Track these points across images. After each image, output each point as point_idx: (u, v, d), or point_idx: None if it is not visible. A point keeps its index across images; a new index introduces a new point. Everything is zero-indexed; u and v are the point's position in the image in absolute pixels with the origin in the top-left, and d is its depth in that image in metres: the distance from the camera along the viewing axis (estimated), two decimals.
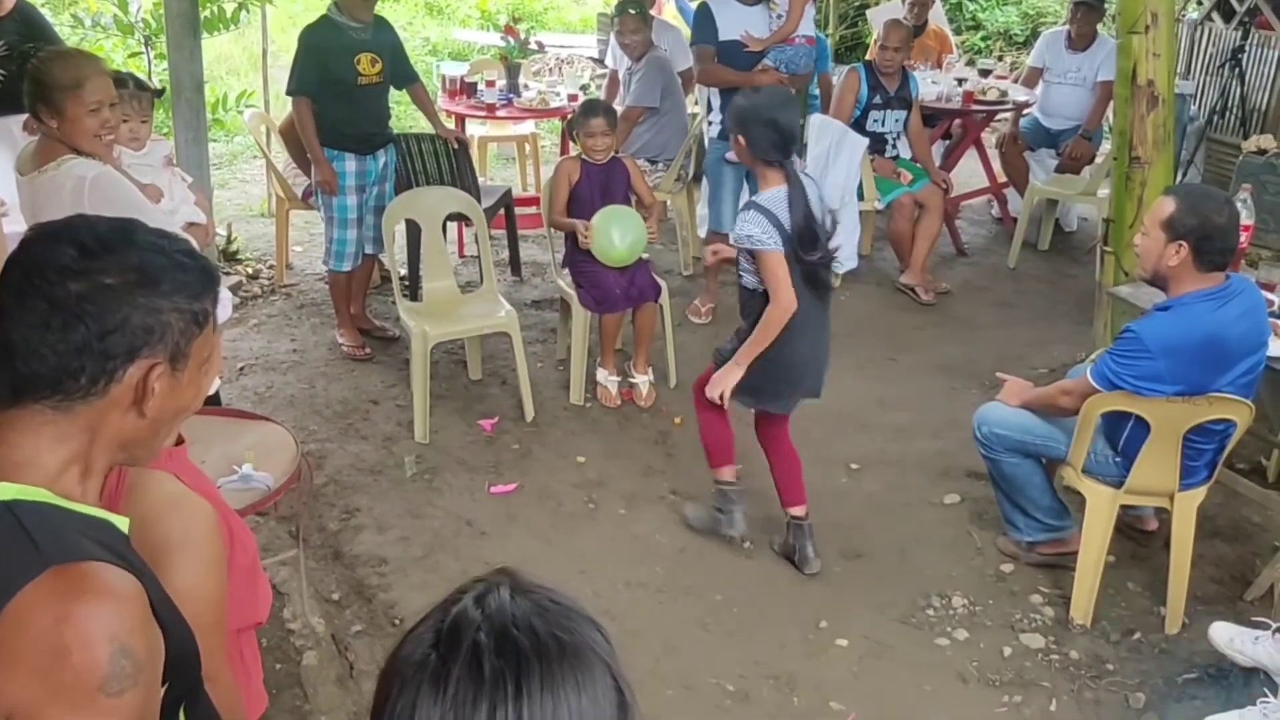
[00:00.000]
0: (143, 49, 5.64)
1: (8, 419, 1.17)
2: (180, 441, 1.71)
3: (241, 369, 4.72)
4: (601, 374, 4.55)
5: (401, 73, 4.86)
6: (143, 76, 4.76)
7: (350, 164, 4.64)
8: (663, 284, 4.59)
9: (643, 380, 4.54)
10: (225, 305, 3.45)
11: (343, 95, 4.54)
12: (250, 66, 9.04)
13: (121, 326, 1.16)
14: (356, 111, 4.61)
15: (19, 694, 1.07)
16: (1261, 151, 4.33)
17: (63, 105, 2.80)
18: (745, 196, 5.28)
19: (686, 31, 6.03)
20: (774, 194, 3.24)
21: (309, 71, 4.55)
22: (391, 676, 0.96)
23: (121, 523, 1.21)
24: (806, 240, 3.19)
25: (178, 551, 1.40)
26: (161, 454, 1.60)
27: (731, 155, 5.03)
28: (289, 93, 4.66)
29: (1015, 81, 6.83)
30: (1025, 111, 6.62)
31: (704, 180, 5.50)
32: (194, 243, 1.41)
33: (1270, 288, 3.60)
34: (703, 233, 5.48)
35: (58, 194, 2.76)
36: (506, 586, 0.97)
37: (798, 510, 3.54)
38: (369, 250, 4.86)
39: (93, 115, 2.84)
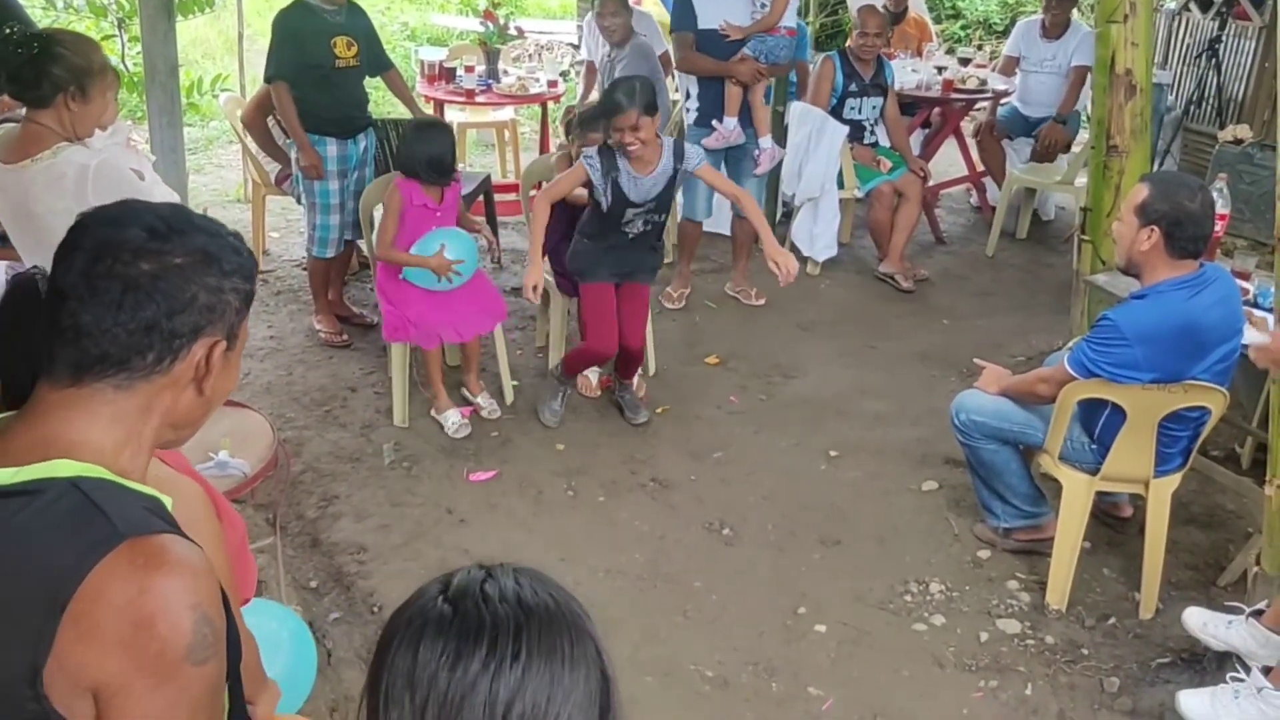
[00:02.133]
0: (116, 32, 5.59)
1: (66, 398, 1.19)
2: None
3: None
4: None
5: (376, 59, 4.82)
6: (114, 59, 4.71)
7: (332, 148, 4.61)
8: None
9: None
10: None
11: (321, 79, 4.51)
12: (226, 50, 8.96)
13: (189, 305, 1.20)
14: (336, 95, 4.57)
15: (104, 666, 1.09)
16: (1238, 141, 4.36)
17: (92, 90, 2.77)
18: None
19: (665, 18, 6.02)
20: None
21: (286, 55, 4.50)
22: (394, 627, 1.02)
23: (168, 501, 1.23)
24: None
25: (185, 532, 1.40)
26: None
27: (710, 141, 5.05)
28: (267, 79, 4.62)
29: (993, 70, 6.85)
30: (1003, 101, 6.65)
31: None
32: None
33: (1245, 276, 3.63)
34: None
35: (58, 183, 2.69)
36: (510, 566, 1.05)
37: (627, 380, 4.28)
38: (348, 236, 4.83)
39: (108, 103, 2.84)
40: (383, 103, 7.67)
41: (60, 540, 1.10)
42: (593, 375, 4.51)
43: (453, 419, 4.15)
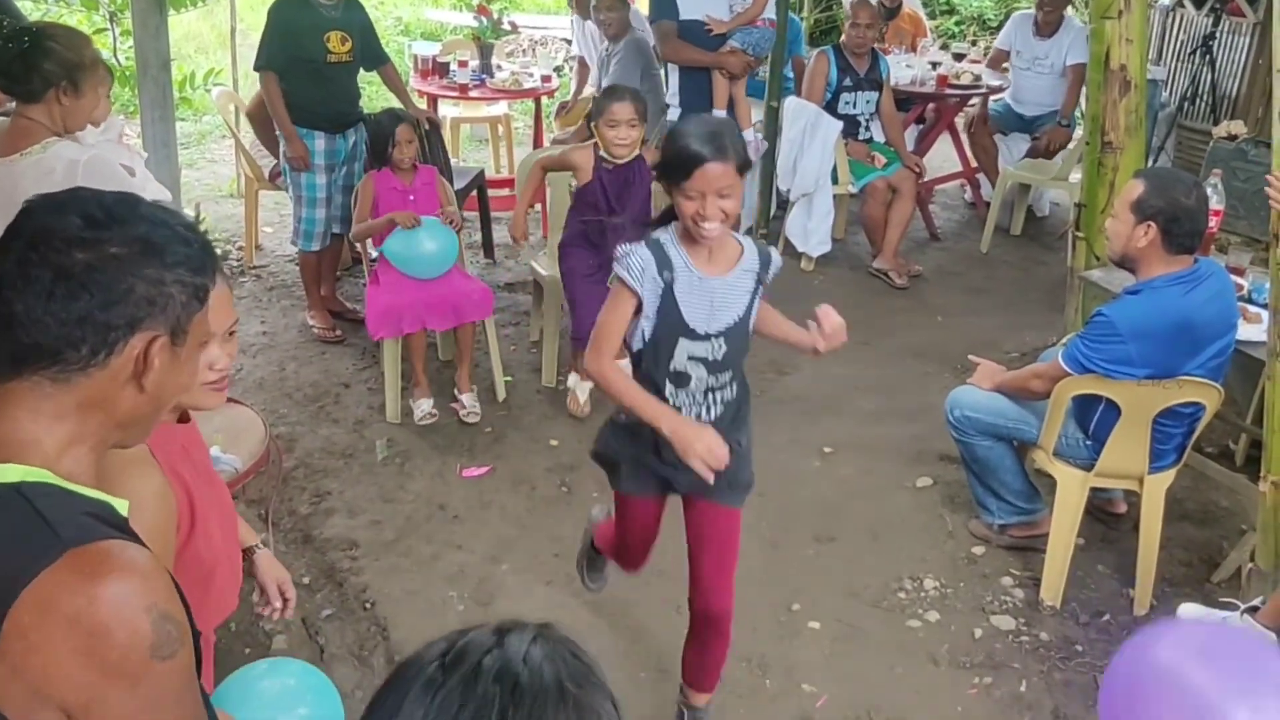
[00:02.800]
0: (108, 25, 5.55)
1: (6, 392, 1.16)
2: (186, 419, 1.68)
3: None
4: (572, 379, 4.29)
5: (372, 53, 4.81)
6: (105, 53, 4.69)
7: (320, 142, 4.59)
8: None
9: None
10: None
11: (312, 73, 4.49)
12: (219, 44, 8.92)
13: (125, 297, 1.15)
14: (326, 90, 4.55)
15: (70, 680, 1.07)
16: (1232, 137, 4.36)
17: (83, 85, 2.75)
18: None
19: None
20: None
21: (277, 47, 4.48)
22: (391, 679, 0.95)
23: (121, 505, 1.20)
24: None
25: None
26: (174, 430, 1.57)
27: None
28: (256, 68, 4.60)
29: (984, 63, 6.84)
30: (995, 97, 6.64)
31: None
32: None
33: (1239, 272, 3.63)
34: None
35: (47, 178, 2.67)
36: (532, 630, 0.96)
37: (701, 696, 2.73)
38: (336, 230, 4.81)
39: (100, 97, 2.82)
40: (376, 98, 7.64)
41: (2, 549, 1.08)
42: (582, 393, 4.23)
43: (423, 407, 4.15)
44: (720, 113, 4.98)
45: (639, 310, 2.32)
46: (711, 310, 2.35)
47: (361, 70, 4.86)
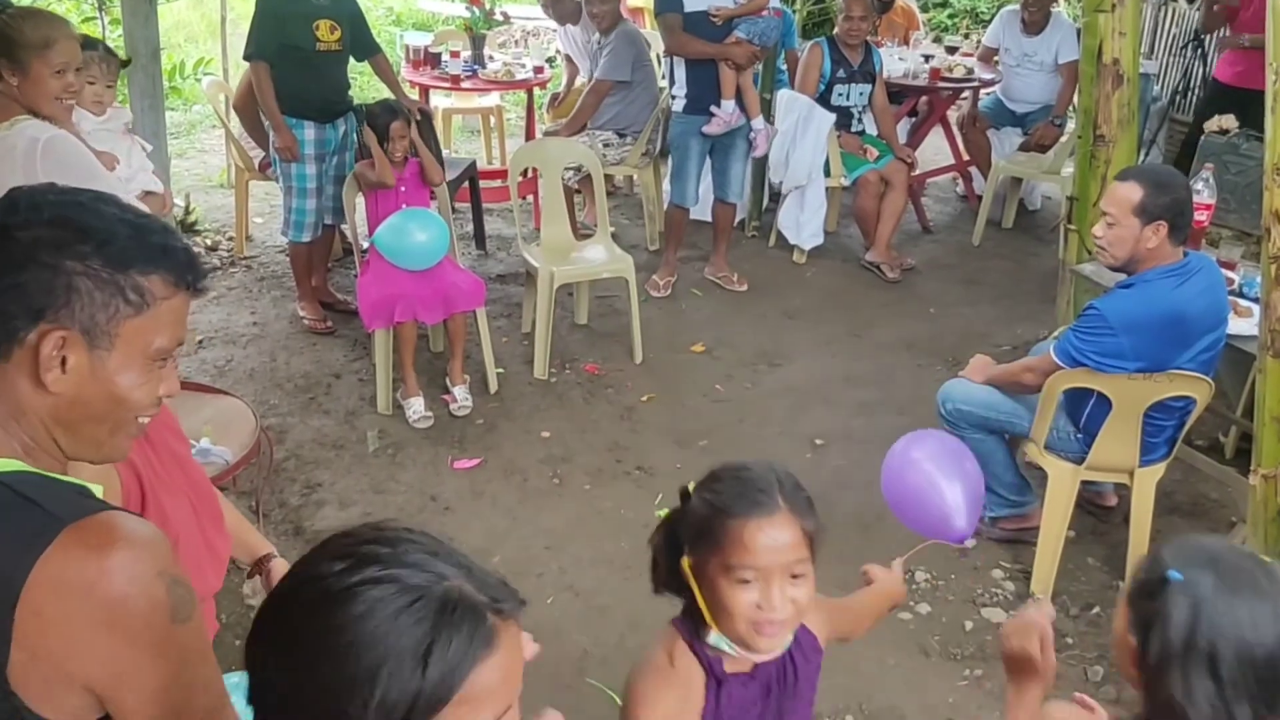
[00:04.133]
0: (97, 14, 5.52)
1: None
2: None
3: (200, 342, 4.64)
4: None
5: (362, 43, 4.78)
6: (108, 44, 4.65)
7: (310, 132, 4.57)
8: (629, 258, 4.57)
9: None
10: None
11: (301, 62, 4.46)
12: (209, 34, 8.87)
13: (22, 284, 1.10)
14: (315, 79, 4.53)
15: (93, 654, 1.07)
16: (1223, 132, 4.36)
17: (28, 64, 2.72)
18: (709, 170, 5.29)
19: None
20: None
21: (266, 36, 4.46)
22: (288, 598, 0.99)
23: (96, 489, 1.19)
24: None
25: None
26: None
27: (710, 128, 5.03)
28: (246, 57, 4.58)
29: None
30: (985, 91, 6.64)
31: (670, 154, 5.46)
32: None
33: (1230, 266, 3.64)
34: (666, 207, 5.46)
35: (9, 155, 2.68)
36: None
37: None
38: (328, 221, 4.79)
39: (57, 78, 2.77)
40: (368, 88, 7.61)
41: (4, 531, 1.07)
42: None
43: (415, 407, 4.12)
44: (729, 104, 4.97)
45: None
46: None
47: (353, 61, 4.85)
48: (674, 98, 5.16)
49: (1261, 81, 5.61)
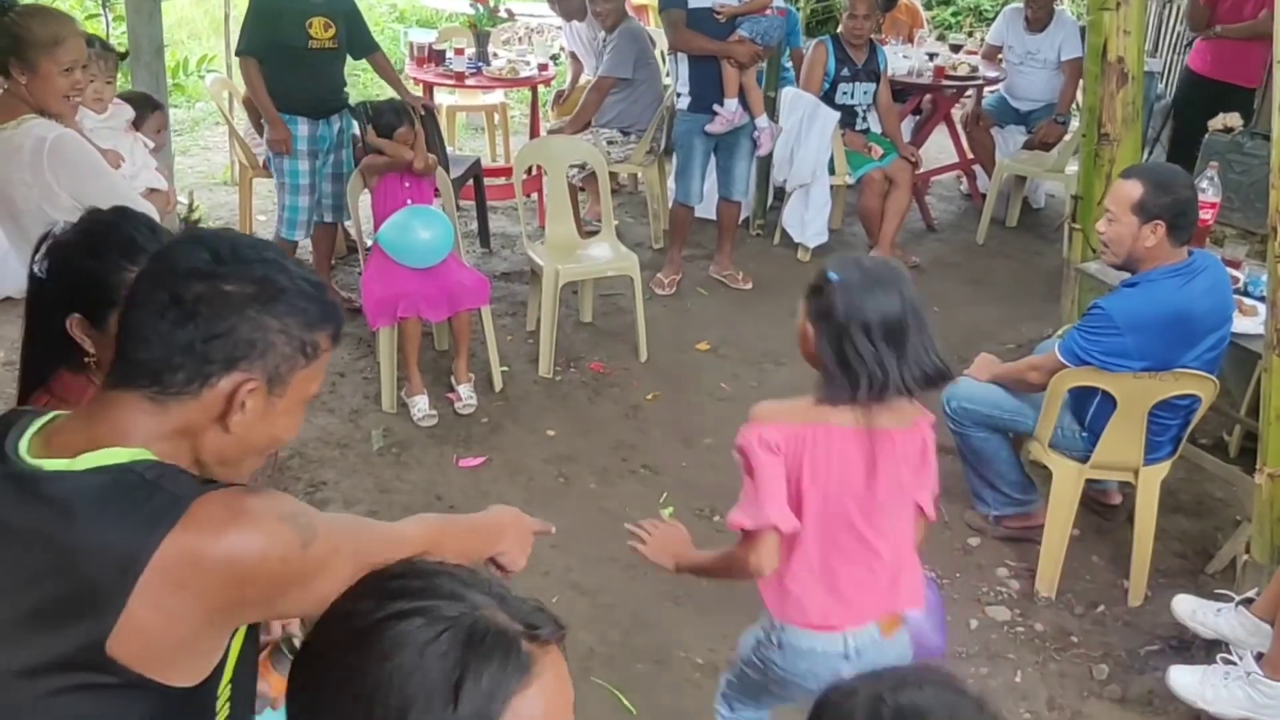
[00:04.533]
0: (100, 10, 5.53)
1: (114, 397, 1.23)
2: None
3: None
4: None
5: (359, 41, 4.77)
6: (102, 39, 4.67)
7: (303, 128, 4.56)
8: (634, 256, 4.57)
9: None
10: None
11: (295, 59, 4.46)
12: (212, 30, 8.87)
13: (227, 334, 1.20)
14: (308, 76, 4.52)
15: (249, 605, 1.20)
16: (1228, 130, 4.35)
17: (37, 62, 2.71)
18: (714, 169, 5.29)
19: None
20: None
21: (258, 32, 4.46)
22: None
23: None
24: None
25: None
26: None
27: (713, 127, 5.03)
28: (237, 53, 4.60)
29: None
30: (989, 90, 6.63)
31: (675, 152, 5.46)
32: (154, 213, 1.42)
33: (1235, 265, 3.64)
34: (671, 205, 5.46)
35: (15, 154, 2.69)
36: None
37: None
38: (329, 219, 4.79)
39: (65, 75, 2.77)
40: (371, 85, 7.61)
41: (122, 516, 1.15)
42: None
43: (420, 405, 4.13)
44: (731, 102, 4.97)
45: None
46: None
47: (355, 59, 4.85)
48: (678, 95, 5.16)
49: (1232, 74, 5.68)
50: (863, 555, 2.03)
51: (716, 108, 4.99)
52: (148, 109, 4.00)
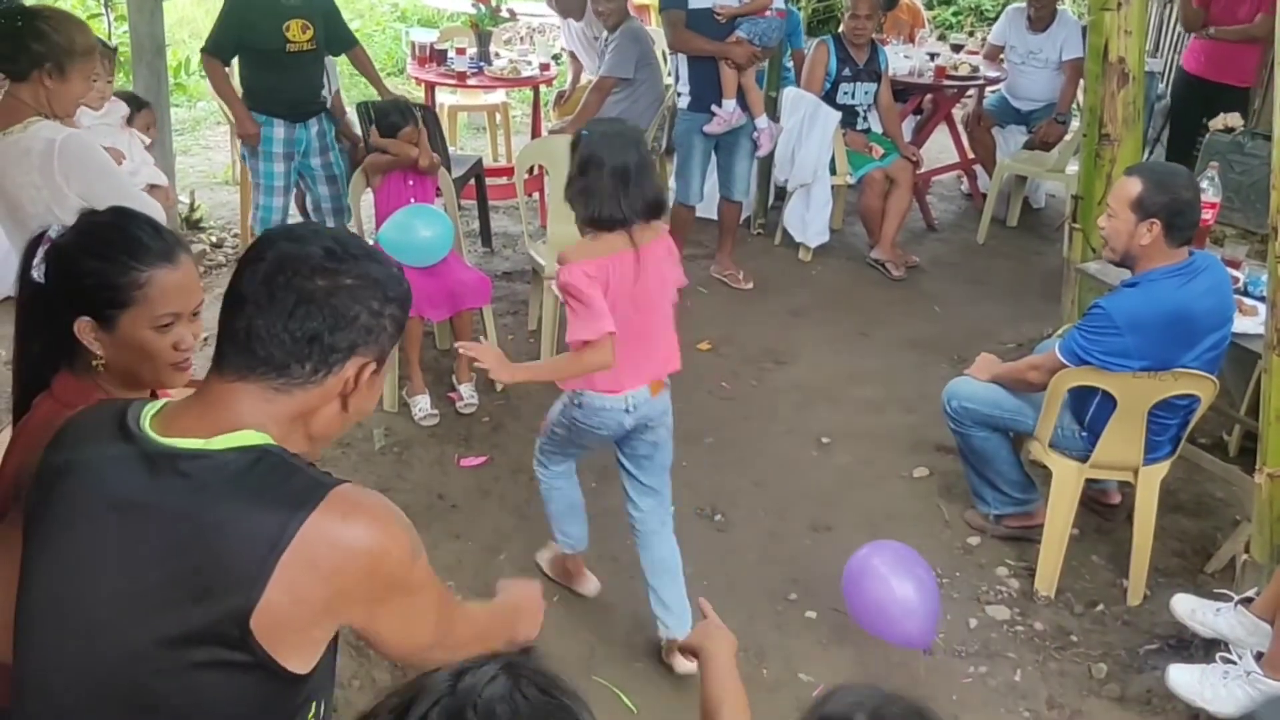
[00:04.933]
0: (102, 10, 5.53)
1: (234, 390, 1.30)
2: (155, 396, 1.72)
3: (206, 339, 4.61)
4: None
5: (337, 38, 4.77)
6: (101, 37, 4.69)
7: (279, 130, 4.56)
8: None
9: None
10: None
11: (272, 62, 4.46)
12: None
13: (351, 323, 1.30)
14: (286, 78, 4.52)
15: (359, 596, 1.26)
16: (1228, 130, 4.35)
17: (70, 70, 2.75)
18: (714, 168, 5.30)
19: None
20: None
21: (228, 34, 4.48)
22: (401, 692, 0.95)
23: None
24: None
25: None
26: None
27: (711, 127, 5.04)
28: (202, 49, 4.61)
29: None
30: (990, 90, 6.63)
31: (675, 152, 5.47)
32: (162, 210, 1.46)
33: (1235, 265, 3.64)
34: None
35: (25, 158, 2.69)
36: (497, 665, 0.94)
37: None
38: (331, 224, 4.79)
39: (88, 84, 2.84)
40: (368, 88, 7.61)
41: (274, 489, 1.24)
42: None
43: (421, 405, 4.14)
44: (729, 103, 4.98)
45: None
46: None
47: (334, 55, 4.85)
48: (679, 95, 5.17)
49: (1226, 74, 5.69)
50: (638, 337, 2.69)
51: (714, 108, 4.99)
52: (135, 107, 4.02)
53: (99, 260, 1.63)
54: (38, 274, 1.64)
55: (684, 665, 2.88)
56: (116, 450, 1.28)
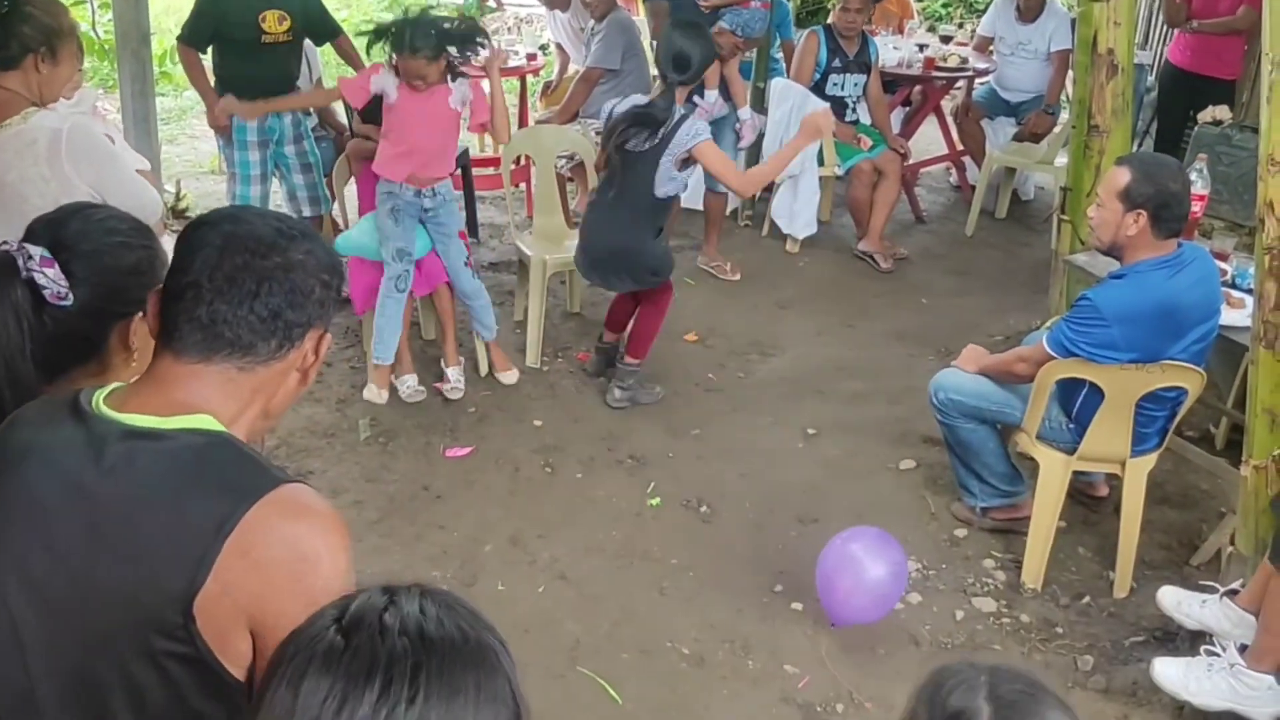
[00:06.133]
0: None
1: (194, 372, 1.29)
2: None
3: None
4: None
5: (319, 28, 4.74)
6: (84, 26, 4.64)
7: (252, 120, 4.53)
8: None
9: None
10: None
11: (247, 52, 4.42)
12: None
13: (308, 297, 1.31)
14: (260, 69, 4.46)
15: (270, 596, 1.19)
16: (1217, 122, 4.35)
17: (61, 51, 2.71)
18: None
19: None
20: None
21: (203, 24, 4.44)
22: (278, 657, 0.94)
23: None
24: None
25: None
26: None
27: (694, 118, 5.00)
28: (178, 38, 4.57)
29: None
30: (979, 82, 6.62)
31: None
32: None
33: (1223, 257, 3.64)
34: None
35: (29, 149, 2.63)
36: (417, 589, 0.97)
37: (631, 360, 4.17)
38: (308, 212, 4.75)
39: (74, 65, 2.80)
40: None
41: (225, 475, 1.23)
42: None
43: (409, 383, 4.15)
44: (711, 93, 4.95)
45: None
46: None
47: (317, 45, 4.81)
48: None
49: (1211, 66, 5.71)
50: None
51: (696, 99, 4.97)
52: None
53: (144, 249, 1.62)
54: (59, 287, 1.51)
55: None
56: (68, 432, 1.27)
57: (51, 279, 1.52)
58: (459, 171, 5.50)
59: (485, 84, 4.19)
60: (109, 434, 1.25)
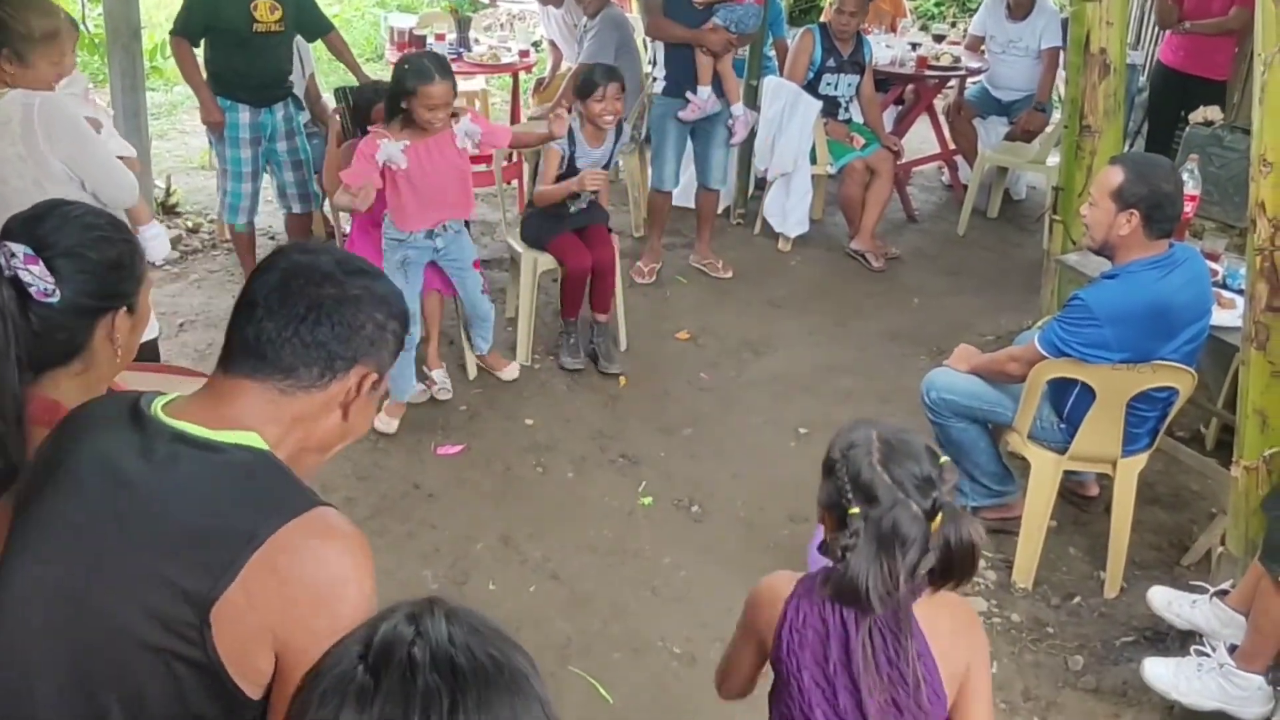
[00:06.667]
0: None
1: (240, 385, 1.32)
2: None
3: (181, 325, 4.60)
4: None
5: (310, 23, 4.70)
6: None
7: (244, 115, 4.50)
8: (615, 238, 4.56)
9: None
10: (162, 243, 3.36)
11: (237, 43, 4.38)
12: None
13: (357, 333, 1.33)
14: (252, 61, 4.44)
15: (300, 621, 1.20)
16: (1208, 123, 4.36)
17: (32, 56, 2.74)
18: (690, 153, 5.28)
19: None
20: None
21: (196, 14, 4.41)
22: (310, 692, 0.91)
23: None
24: None
25: None
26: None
27: (685, 114, 5.01)
28: (170, 31, 4.53)
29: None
30: (971, 81, 6.63)
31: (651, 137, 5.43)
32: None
33: (1214, 258, 3.65)
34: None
35: (4, 128, 2.68)
36: (440, 609, 0.95)
37: (602, 315, 4.44)
38: (298, 209, 4.73)
39: (54, 67, 2.80)
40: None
41: (267, 492, 1.26)
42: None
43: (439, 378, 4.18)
44: (704, 90, 4.95)
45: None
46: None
47: (308, 41, 4.78)
48: (654, 79, 5.14)
49: (1202, 67, 5.72)
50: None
51: (689, 95, 4.97)
52: None
53: (125, 243, 1.62)
54: (47, 285, 1.51)
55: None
56: (123, 427, 1.31)
57: (37, 276, 1.51)
58: None
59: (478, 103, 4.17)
60: (160, 434, 1.29)
